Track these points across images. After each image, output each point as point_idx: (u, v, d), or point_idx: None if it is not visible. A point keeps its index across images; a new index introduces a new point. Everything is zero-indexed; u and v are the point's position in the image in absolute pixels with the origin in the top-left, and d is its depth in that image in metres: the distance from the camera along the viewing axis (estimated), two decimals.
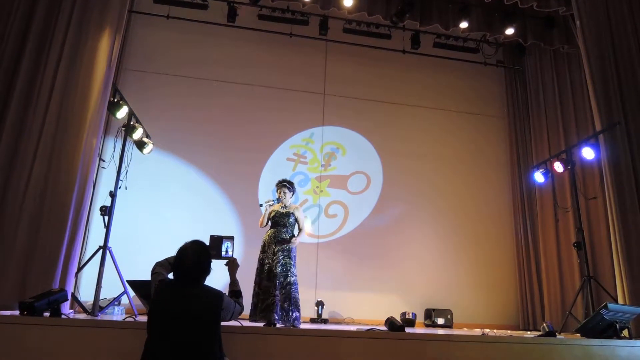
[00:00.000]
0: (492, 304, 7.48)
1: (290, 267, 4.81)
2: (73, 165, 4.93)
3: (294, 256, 4.93)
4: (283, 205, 5.08)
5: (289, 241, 4.89)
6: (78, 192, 4.95)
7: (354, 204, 7.62)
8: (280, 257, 4.78)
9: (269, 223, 5.07)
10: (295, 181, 7.41)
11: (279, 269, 4.73)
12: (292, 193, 5.20)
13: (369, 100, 8.06)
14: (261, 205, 5.10)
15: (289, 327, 4.53)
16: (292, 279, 4.79)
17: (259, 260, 4.91)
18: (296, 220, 5.05)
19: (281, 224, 4.96)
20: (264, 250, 4.91)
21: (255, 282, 4.82)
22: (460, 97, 8.41)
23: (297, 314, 4.75)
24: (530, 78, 8.19)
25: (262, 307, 4.61)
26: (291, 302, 4.70)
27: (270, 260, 4.77)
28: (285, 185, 5.14)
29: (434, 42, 8.10)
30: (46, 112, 4.95)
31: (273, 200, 5.11)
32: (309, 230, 5.10)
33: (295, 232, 5.07)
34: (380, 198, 7.73)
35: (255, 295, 4.75)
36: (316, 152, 7.81)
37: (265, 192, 7.34)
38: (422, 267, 7.47)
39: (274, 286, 4.65)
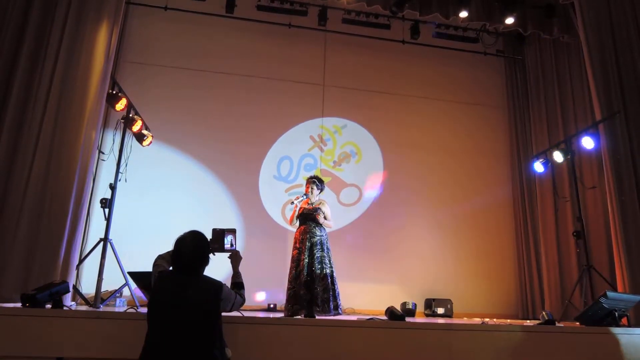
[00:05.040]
0: (492, 294, 7.51)
1: (325, 259, 4.96)
2: (73, 158, 4.93)
3: (327, 248, 5.07)
4: (310, 202, 5.18)
5: (320, 234, 5.04)
6: (78, 185, 4.95)
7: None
8: (315, 251, 4.93)
9: (298, 220, 5.19)
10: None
11: (316, 264, 4.88)
12: (319, 190, 5.33)
13: (369, 91, 8.04)
14: (292, 202, 5.20)
15: (330, 316, 4.68)
16: (328, 270, 4.96)
17: (293, 257, 5.02)
18: (323, 214, 5.16)
19: (310, 219, 5.07)
20: (296, 247, 5.02)
21: (290, 280, 4.95)
22: (460, 87, 8.39)
23: (339, 302, 4.93)
24: (530, 68, 8.14)
25: (304, 301, 4.72)
26: (329, 292, 4.87)
27: (307, 256, 4.89)
28: (314, 181, 5.27)
29: (433, 32, 8.06)
30: (45, 105, 4.95)
31: (302, 197, 5.20)
32: (332, 224, 5.28)
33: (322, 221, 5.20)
34: (382, 184, 7.73)
35: (290, 290, 4.90)
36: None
37: (265, 184, 7.35)
38: (422, 257, 7.48)
39: (312, 281, 4.80)
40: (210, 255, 3.01)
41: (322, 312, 4.75)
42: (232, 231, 3.45)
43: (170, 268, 2.91)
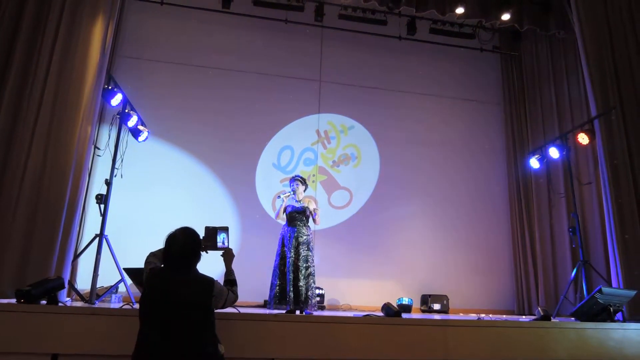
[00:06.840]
0: (487, 289, 7.53)
1: (309, 258, 5.10)
2: (68, 153, 4.92)
3: (312, 247, 5.22)
4: (297, 200, 5.30)
5: (307, 233, 5.18)
6: (73, 180, 4.94)
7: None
8: (302, 250, 5.08)
9: (285, 217, 5.33)
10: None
11: (301, 262, 5.04)
12: (305, 187, 5.45)
13: (365, 87, 8.02)
14: (279, 197, 5.34)
15: (310, 313, 4.81)
16: (312, 269, 5.10)
17: (279, 254, 5.18)
18: (310, 212, 5.28)
19: (297, 219, 5.20)
20: (283, 244, 5.17)
21: (275, 275, 5.11)
22: (456, 83, 8.38)
23: (314, 301, 5.11)
24: (526, 64, 8.15)
25: (289, 296, 4.91)
26: (312, 290, 5.04)
27: (292, 254, 5.05)
28: (299, 179, 5.40)
29: (430, 28, 8.04)
30: (41, 100, 4.92)
31: (289, 192, 5.32)
32: (319, 221, 5.41)
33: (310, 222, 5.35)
34: (376, 187, 7.73)
35: (277, 286, 5.05)
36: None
37: (262, 180, 7.34)
38: (418, 254, 7.49)
39: (297, 278, 4.97)
40: (203, 253, 3.00)
41: (306, 308, 4.91)
42: (225, 229, 3.46)
43: (162, 265, 2.89)
